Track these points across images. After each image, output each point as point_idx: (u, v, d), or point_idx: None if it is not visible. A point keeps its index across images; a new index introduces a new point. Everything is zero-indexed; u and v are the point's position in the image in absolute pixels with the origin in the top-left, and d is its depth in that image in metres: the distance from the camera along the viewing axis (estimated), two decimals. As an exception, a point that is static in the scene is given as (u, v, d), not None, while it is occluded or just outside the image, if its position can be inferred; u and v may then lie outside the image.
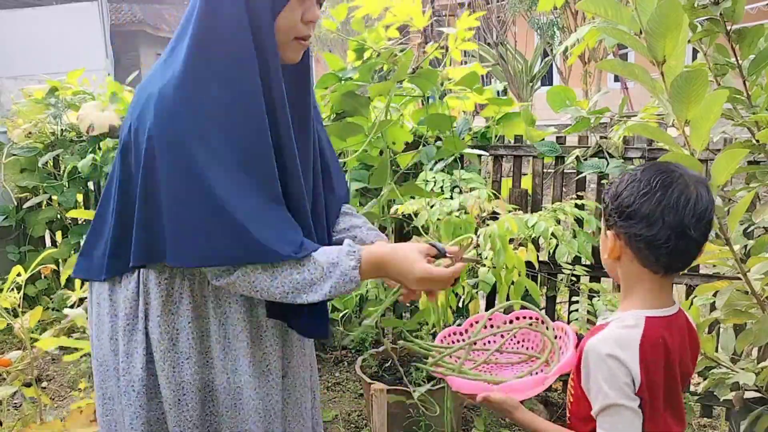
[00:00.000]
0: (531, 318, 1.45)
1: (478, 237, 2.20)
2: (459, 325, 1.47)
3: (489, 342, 1.44)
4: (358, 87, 2.08)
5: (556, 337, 1.34)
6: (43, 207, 3.85)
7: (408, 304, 3.20)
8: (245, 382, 1.26)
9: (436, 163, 2.90)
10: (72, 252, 3.73)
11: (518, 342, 1.43)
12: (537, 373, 1.25)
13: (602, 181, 2.74)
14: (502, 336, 1.43)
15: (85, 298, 1.54)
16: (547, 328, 1.39)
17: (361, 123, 2.19)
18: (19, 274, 2.12)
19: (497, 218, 2.35)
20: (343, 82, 2.18)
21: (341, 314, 3.06)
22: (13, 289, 2.13)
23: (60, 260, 3.86)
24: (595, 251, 2.79)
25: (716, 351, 1.77)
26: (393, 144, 2.38)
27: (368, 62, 2.03)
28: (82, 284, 2.24)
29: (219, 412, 1.27)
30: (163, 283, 1.24)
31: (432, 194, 2.63)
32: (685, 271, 2.54)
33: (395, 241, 3.18)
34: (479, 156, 2.88)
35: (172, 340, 1.25)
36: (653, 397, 1.11)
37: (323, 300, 1.20)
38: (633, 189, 1.11)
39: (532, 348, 1.41)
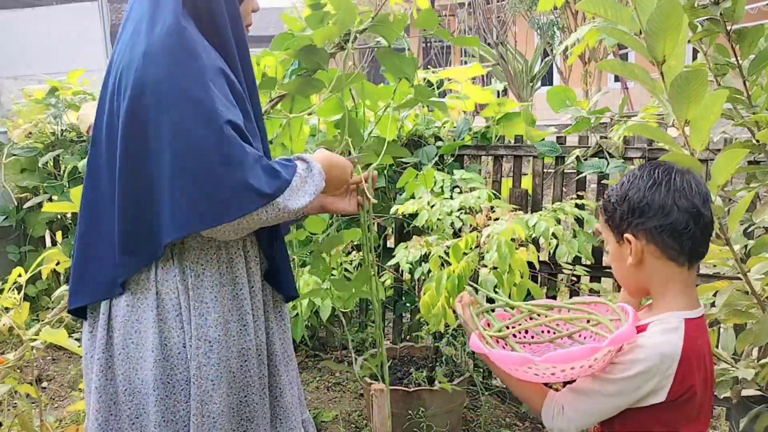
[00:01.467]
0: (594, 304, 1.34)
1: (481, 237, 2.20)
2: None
3: (547, 331, 1.36)
4: (311, 40, 1.93)
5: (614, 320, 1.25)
6: (44, 207, 3.85)
7: (408, 305, 3.20)
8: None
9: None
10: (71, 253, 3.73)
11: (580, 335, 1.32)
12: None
13: (602, 181, 2.74)
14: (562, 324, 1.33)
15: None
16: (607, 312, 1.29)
17: (322, 79, 2.01)
18: (20, 275, 2.12)
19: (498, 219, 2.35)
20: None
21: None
22: (13, 290, 2.13)
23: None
24: (596, 251, 2.79)
25: (716, 348, 1.77)
26: (367, 103, 2.22)
27: (319, 12, 1.90)
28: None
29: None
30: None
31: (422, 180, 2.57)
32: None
33: (396, 242, 3.18)
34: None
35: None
36: (687, 402, 1.12)
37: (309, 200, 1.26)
38: (639, 185, 1.14)
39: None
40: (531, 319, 1.37)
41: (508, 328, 1.35)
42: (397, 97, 2.05)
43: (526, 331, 1.36)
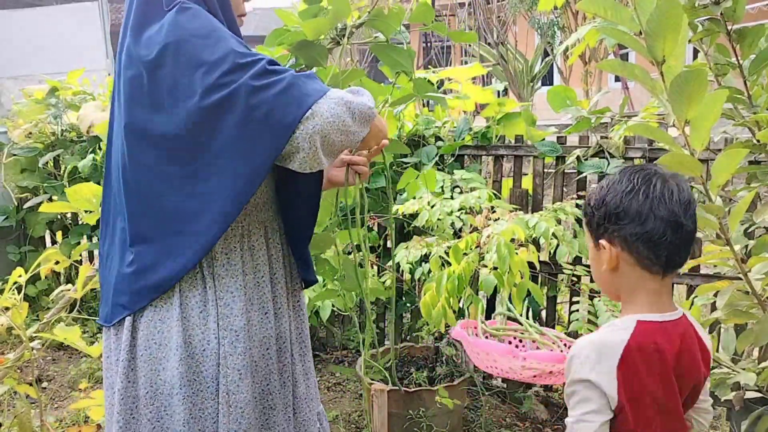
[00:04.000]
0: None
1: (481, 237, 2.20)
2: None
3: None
4: (307, 34, 1.91)
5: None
6: (41, 207, 3.85)
7: (408, 305, 3.20)
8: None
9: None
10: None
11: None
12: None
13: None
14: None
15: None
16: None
17: (320, 76, 2.05)
18: (20, 276, 2.12)
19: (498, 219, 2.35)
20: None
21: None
22: (13, 290, 2.13)
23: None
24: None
25: (717, 351, 1.77)
26: None
27: (313, 6, 1.88)
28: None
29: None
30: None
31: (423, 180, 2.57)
32: (686, 271, 2.54)
33: (396, 242, 3.18)
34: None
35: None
36: (639, 404, 1.09)
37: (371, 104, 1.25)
38: (617, 190, 1.11)
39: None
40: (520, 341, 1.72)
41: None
42: (395, 93, 2.04)
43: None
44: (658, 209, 1.07)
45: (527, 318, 1.77)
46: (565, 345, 1.70)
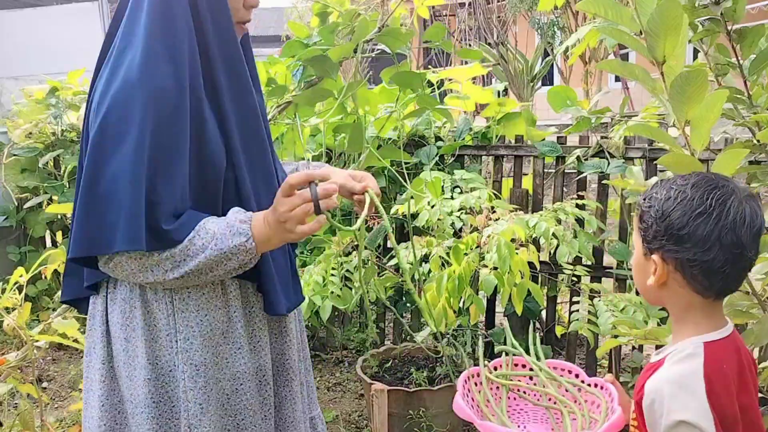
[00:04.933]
0: (568, 371, 1.59)
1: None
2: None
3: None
4: (322, 51, 1.96)
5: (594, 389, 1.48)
6: (44, 207, 3.85)
7: (409, 305, 3.20)
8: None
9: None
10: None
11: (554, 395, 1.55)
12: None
13: (603, 182, 2.74)
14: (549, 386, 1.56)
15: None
16: (582, 381, 1.53)
17: (330, 88, 2.08)
18: (21, 276, 2.13)
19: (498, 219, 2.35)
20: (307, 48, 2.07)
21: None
22: (14, 290, 2.13)
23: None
24: (596, 251, 2.79)
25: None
26: (366, 110, 2.27)
27: (330, 24, 1.96)
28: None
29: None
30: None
31: (426, 191, 2.59)
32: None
33: (396, 242, 3.18)
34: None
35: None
36: (733, 428, 1.01)
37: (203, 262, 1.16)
38: (686, 208, 1.00)
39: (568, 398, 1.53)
40: (531, 378, 1.57)
41: (508, 378, 1.58)
42: (401, 101, 2.14)
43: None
44: (726, 237, 0.98)
45: (534, 344, 1.70)
46: (585, 383, 1.53)
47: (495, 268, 2.30)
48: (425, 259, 2.61)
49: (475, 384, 1.56)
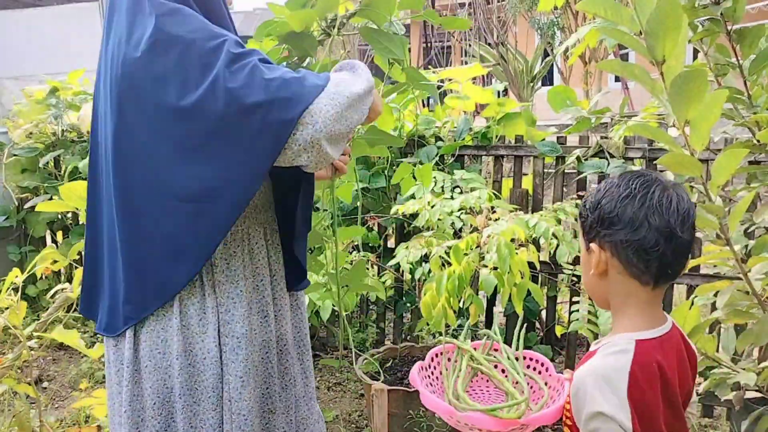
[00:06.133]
0: (537, 361, 1.59)
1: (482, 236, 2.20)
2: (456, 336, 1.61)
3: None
4: (293, 26, 1.77)
5: (547, 385, 1.49)
6: (38, 206, 3.86)
7: (409, 305, 3.20)
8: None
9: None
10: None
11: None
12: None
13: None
14: (503, 371, 1.58)
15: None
16: (549, 375, 1.52)
17: (311, 68, 1.89)
18: (17, 276, 2.13)
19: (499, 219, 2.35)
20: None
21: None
22: (11, 290, 2.13)
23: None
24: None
25: (717, 351, 1.77)
26: None
27: None
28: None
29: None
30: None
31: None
32: (686, 271, 2.54)
33: (397, 242, 3.18)
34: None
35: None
36: (651, 427, 1.04)
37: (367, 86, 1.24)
38: (613, 194, 1.08)
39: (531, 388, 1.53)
40: (496, 366, 1.61)
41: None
42: (386, 87, 1.99)
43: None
44: (653, 218, 1.04)
45: (518, 336, 1.71)
46: (551, 376, 1.55)
47: (495, 268, 2.30)
48: (425, 258, 2.61)
49: (449, 359, 1.61)
